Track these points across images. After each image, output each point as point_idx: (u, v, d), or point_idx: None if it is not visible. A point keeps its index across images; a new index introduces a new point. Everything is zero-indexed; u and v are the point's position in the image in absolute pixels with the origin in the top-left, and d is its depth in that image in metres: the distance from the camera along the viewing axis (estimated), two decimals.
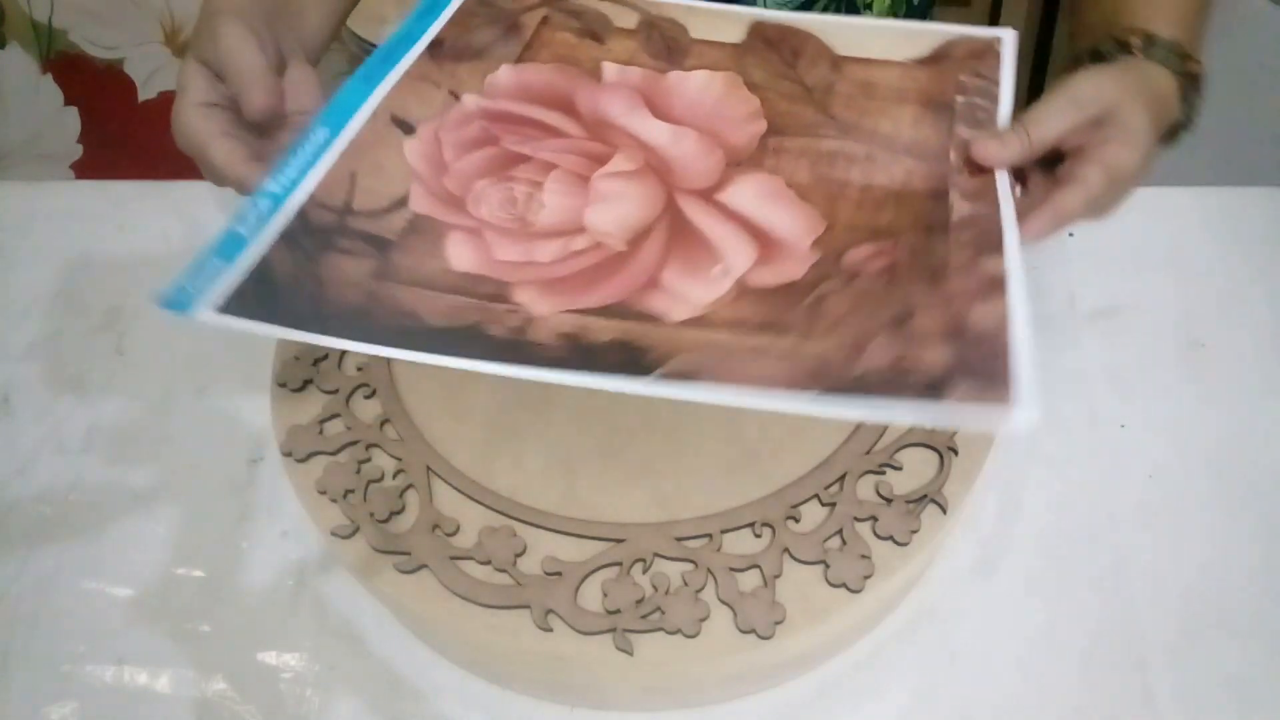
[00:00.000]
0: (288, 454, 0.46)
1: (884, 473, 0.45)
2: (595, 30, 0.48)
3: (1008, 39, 0.45)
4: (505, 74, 0.46)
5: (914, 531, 0.42)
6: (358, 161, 0.43)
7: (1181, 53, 0.45)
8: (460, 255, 0.40)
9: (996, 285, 0.34)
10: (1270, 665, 0.45)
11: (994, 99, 0.43)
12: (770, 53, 0.46)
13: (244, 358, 0.56)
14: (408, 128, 0.44)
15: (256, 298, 0.37)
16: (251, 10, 0.44)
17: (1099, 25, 0.48)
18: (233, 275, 0.38)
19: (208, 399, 0.56)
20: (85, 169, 1.35)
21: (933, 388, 0.31)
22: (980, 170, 0.40)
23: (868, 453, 0.45)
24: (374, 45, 0.51)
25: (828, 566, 0.41)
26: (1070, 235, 0.63)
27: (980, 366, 0.31)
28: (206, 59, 0.42)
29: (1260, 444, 0.53)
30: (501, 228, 0.40)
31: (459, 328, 0.36)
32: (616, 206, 0.40)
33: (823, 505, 0.44)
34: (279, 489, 0.51)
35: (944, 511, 0.43)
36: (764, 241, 0.39)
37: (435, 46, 0.48)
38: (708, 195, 0.41)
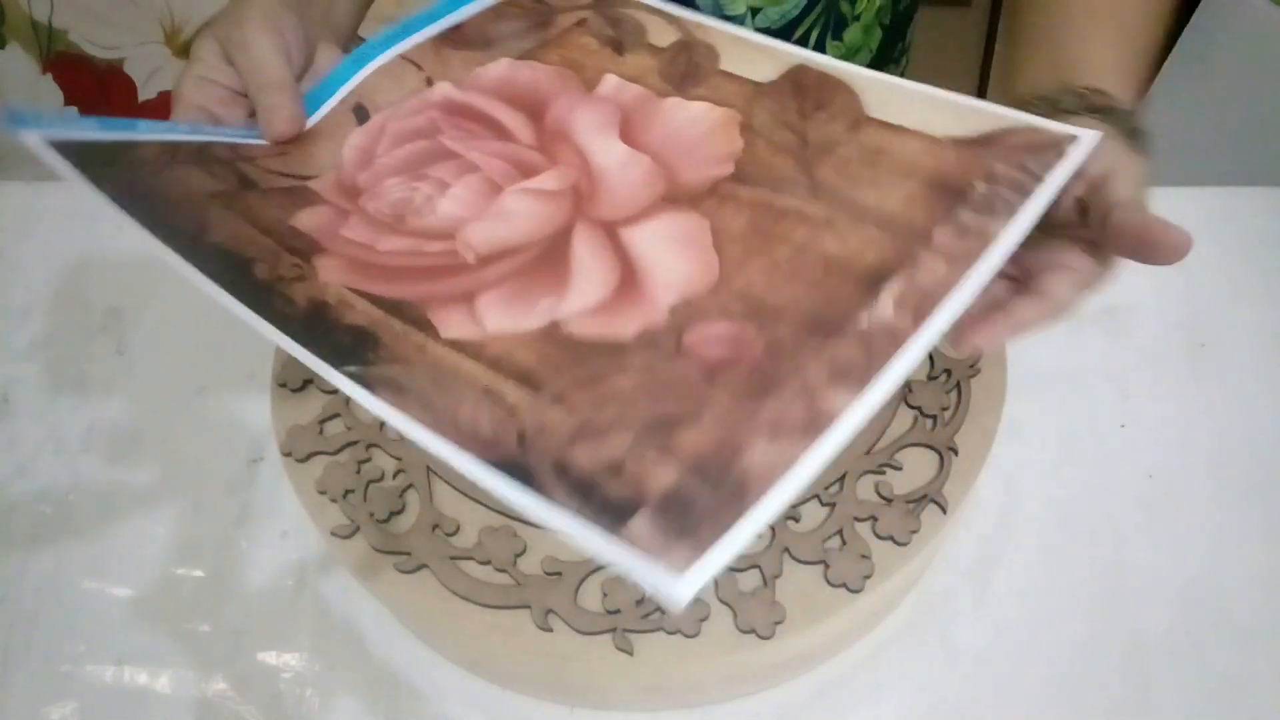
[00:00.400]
0: (288, 454, 0.46)
1: (884, 473, 0.45)
2: (621, 41, 0.45)
3: (1085, 140, 0.36)
4: (497, 68, 0.45)
5: (914, 531, 0.42)
6: (300, 143, 0.43)
7: (1133, 127, 0.39)
8: (308, 219, 0.38)
9: (812, 429, 0.28)
10: (1270, 665, 0.45)
11: (1024, 193, 0.35)
12: (791, 99, 0.41)
13: (244, 358, 0.56)
14: (363, 117, 0.44)
15: (96, 157, 0.38)
16: None
17: (1044, 75, 0.43)
18: (94, 135, 0.39)
19: (208, 399, 0.56)
20: None
21: (616, 512, 0.26)
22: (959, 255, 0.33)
23: (868, 452, 0.45)
24: None
25: (828, 566, 0.41)
26: None
27: (684, 513, 0.26)
28: (224, 41, 0.42)
29: (1260, 444, 0.53)
30: (374, 218, 0.38)
31: (231, 253, 0.35)
32: (506, 227, 0.37)
33: (822, 505, 0.44)
34: (279, 489, 0.51)
35: (944, 511, 0.43)
36: (626, 283, 0.35)
37: (453, 31, 0.47)
38: (613, 227, 0.37)
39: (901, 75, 0.73)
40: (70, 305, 0.61)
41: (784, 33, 0.63)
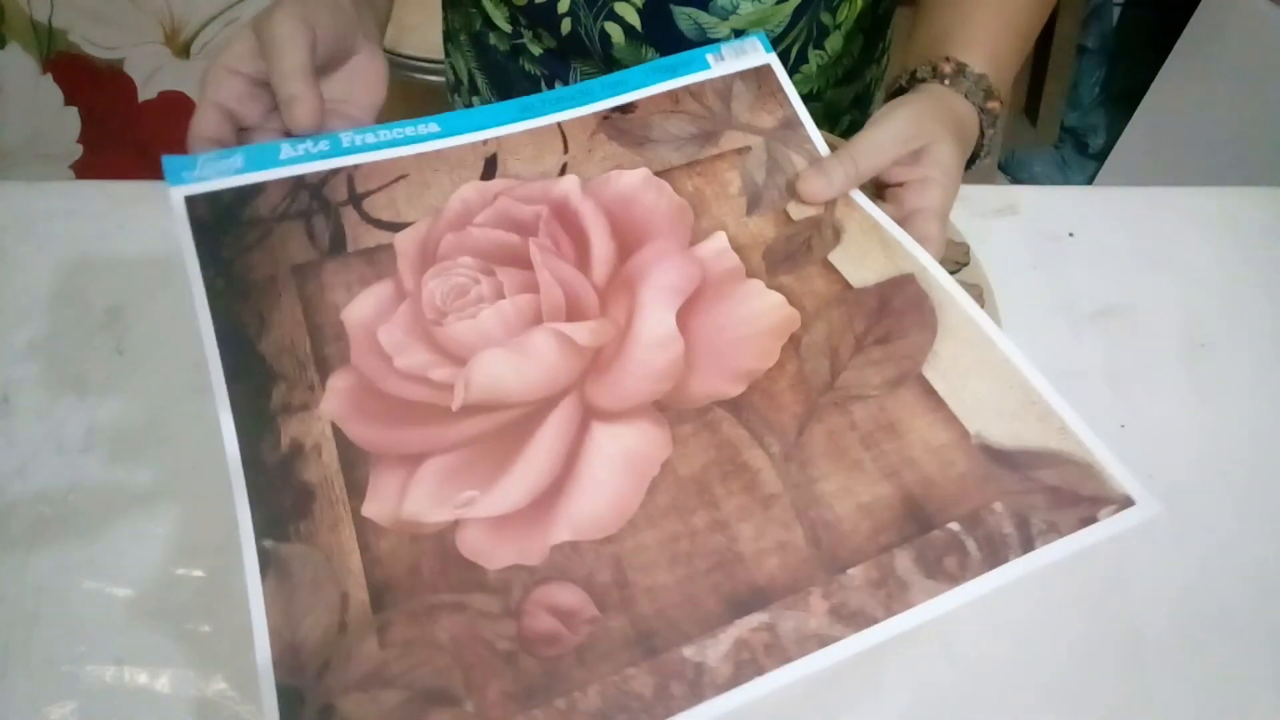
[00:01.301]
0: None
1: None
2: (763, 194, 0.43)
3: (1126, 515, 0.33)
4: (627, 180, 0.43)
5: None
6: (421, 170, 0.43)
7: (987, 87, 0.47)
8: (361, 306, 0.39)
9: None
10: (1269, 665, 0.45)
11: (998, 556, 0.33)
12: (863, 318, 0.39)
13: None
14: (489, 170, 0.43)
15: (215, 220, 0.39)
16: None
17: (923, 50, 0.49)
18: (230, 182, 0.40)
19: (208, 399, 0.56)
20: (85, 169, 1.35)
21: None
22: None
23: None
24: (392, 53, 0.52)
25: None
26: (1070, 235, 0.63)
27: None
28: (256, 32, 0.43)
29: (1260, 444, 0.53)
30: (420, 307, 0.39)
31: (266, 367, 0.37)
32: (513, 372, 0.37)
33: None
34: None
35: None
36: (550, 493, 0.34)
37: (620, 111, 0.45)
38: (593, 414, 0.36)
39: (883, 74, 0.73)
40: (70, 305, 0.61)
41: None
